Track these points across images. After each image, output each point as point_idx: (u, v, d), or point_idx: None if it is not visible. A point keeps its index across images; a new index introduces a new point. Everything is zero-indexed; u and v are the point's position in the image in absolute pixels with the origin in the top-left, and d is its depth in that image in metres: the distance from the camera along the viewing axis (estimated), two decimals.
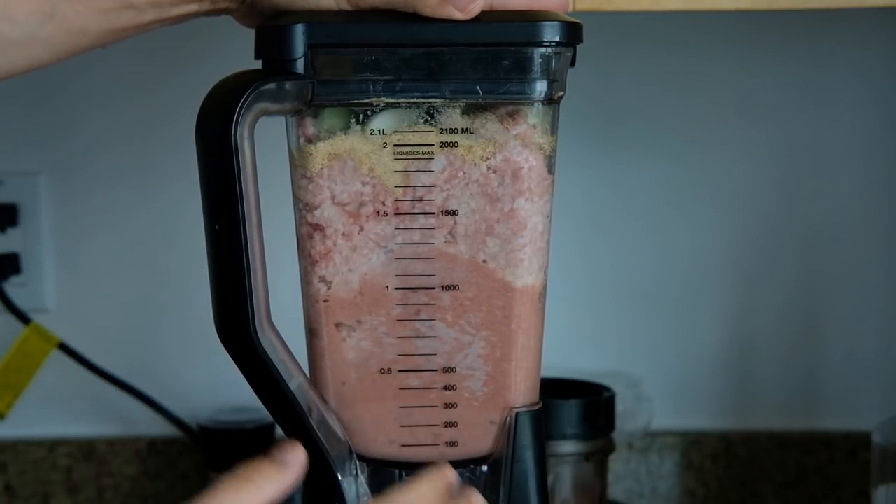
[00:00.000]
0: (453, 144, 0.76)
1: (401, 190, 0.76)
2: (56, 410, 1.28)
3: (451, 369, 0.78)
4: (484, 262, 0.77)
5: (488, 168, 0.76)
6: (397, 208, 0.76)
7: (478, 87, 0.75)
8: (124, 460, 1.27)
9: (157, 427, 1.27)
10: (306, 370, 0.79)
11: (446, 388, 0.78)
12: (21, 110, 1.25)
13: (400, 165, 0.76)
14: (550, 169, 0.78)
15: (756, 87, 1.25)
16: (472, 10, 0.73)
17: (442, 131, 0.75)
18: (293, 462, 0.68)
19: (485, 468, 0.80)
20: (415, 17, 0.73)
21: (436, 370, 0.78)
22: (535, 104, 0.76)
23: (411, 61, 0.75)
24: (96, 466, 1.27)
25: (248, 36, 0.95)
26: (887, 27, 1.23)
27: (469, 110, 0.76)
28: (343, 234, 0.77)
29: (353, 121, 0.76)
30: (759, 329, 1.28)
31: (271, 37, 0.74)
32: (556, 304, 0.92)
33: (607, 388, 1.07)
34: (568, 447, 1.03)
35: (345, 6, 0.74)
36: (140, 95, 1.24)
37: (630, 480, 1.28)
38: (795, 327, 1.28)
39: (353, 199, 0.76)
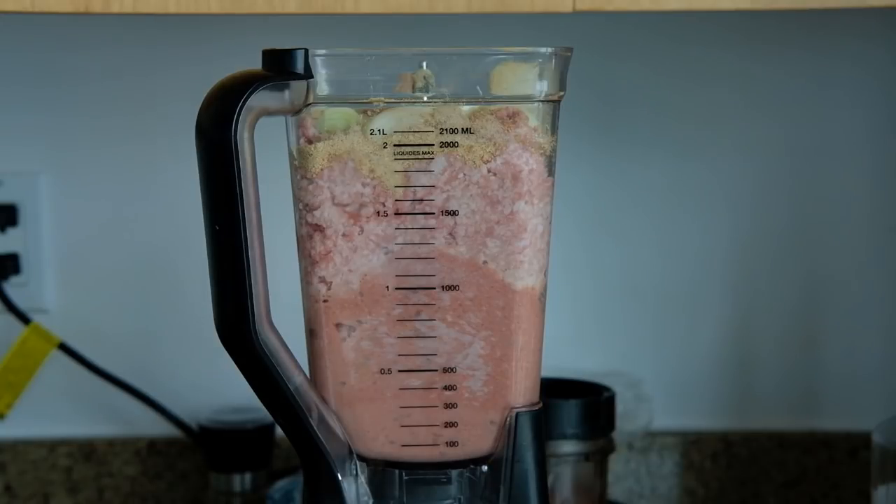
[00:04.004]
0: (453, 144, 0.76)
1: (401, 190, 0.76)
2: (56, 410, 1.27)
3: (452, 369, 0.78)
4: (484, 262, 0.77)
5: (489, 171, 0.76)
6: (397, 209, 0.76)
7: (478, 88, 0.75)
8: (124, 460, 1.27)
9: (157, 427, 1.26)
10: (306, 370, 0.79)
11: (446, 388, 0.78)
12: (21, 110, 1.25)
13: (400, 166, 0.76)
14: (550, 171, 0.78)
15: (761, 85, 1.25)
16: None
17: (442, 131, 0.76)
18: None
19: (485, 468, 0.80)
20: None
21: (436, 370, 0.78)
22: (536, 104, 0.76)
23: (411, 62, 0.75)
24: (96, 466, 1.27)
25: (248, 36, 0.95)
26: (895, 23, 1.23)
27: (469, 110, 0.76)
28: (343, 235, 0.77)
29: (353, 121, 0.76)
30: (759, 329, 1.28)
31: None
32: (556, 304, 0.92)
33: (607, 388, 1.07)
34: (568, 447, 1.03)
35: None
36: (140, 95, 1.24)
37: (630, 480, 1.28)
38: (796, 327, 1.28)
39: (353, 200, 0.76)
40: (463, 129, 0.75)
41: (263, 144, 0.75)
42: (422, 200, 0.76)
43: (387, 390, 0.78)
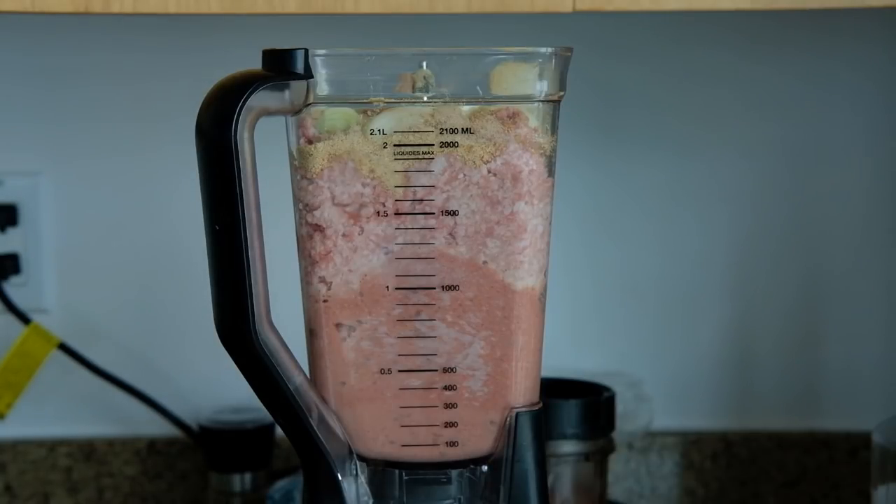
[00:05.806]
0: (453, 144, 0.76)
1: (401, 191, 0.76)
2: (56, 410, 1.27)
3: (452, 369, 0.78)
4: (484, 262, 0.77)
5: (489, 171, 0.76)
6: (397, 209, 0.76)
7: (478, 88, 0.75)
8: (124, 460, 1.27)
9: (157, 427, 1.26)
10: (306, 370, 0.79)
11: (446, 388, 0.78)
12: (21, 110, 1.25)
13: (400, 166, 0.76)
14: (550, 171, 0.78)
15: (760, 85, 1.25)
16: None
17: (442, 131, 0.76)
18: None
19: (485, 468, 0.80)
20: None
21: (436, 370, 0.78)
22: (536, 104, 0.76)
23: (411, 62, 0.75)
24: (96, 466, 1.27)
25: (248, 36, 0.95)
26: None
27: (469, 110, 0.76)
28: (343, 235, 0.77)
29: (353, 121, 0.76)
30: (759, 329, 1.28)
31: None
32: (556, 304, 0.92)
33: (607, 388, 1.07)
34: (568, 447, 1.03)
35: None
36: (140, 95, 1.24)
37: (630, 480, 1.28)
38: (796, 327, 1.28)
39: (353, 200, 0.76)
40: (463, 129, 0.76)
41: (263, 144, 0.75)
42: (422, 200, 0.76)
43: (387, 390, 0.78)
